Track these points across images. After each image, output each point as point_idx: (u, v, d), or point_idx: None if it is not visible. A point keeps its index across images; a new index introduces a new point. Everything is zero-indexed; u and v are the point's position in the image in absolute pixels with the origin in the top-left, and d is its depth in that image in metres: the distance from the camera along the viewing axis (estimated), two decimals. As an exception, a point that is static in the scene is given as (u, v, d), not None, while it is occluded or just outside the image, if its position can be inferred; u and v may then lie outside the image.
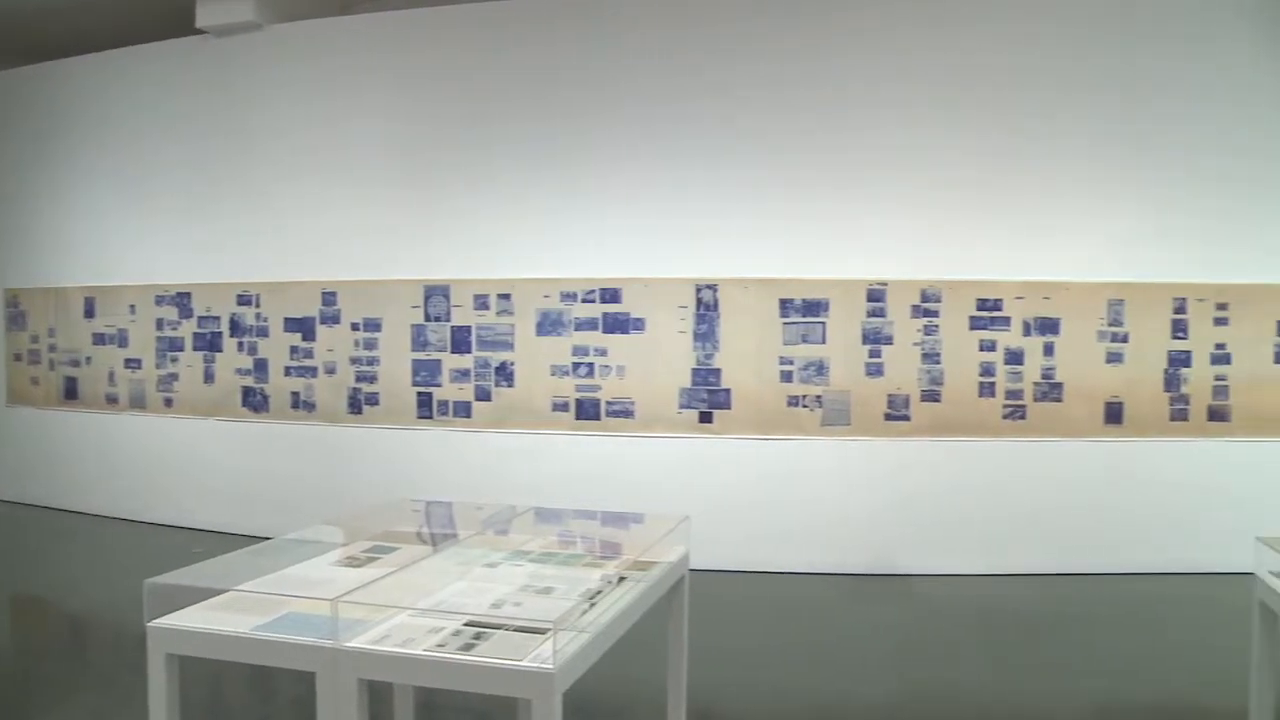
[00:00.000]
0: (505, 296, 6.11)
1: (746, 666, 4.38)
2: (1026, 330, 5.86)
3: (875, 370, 5.87)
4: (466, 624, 2.18)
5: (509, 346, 6.11)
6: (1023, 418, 5.87)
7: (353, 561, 2.72)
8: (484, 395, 6.15)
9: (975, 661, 4.52)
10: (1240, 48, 5.90)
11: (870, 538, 5.91)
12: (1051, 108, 5.89)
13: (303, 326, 6.36)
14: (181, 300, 6.81)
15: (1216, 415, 5.88)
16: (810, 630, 4.98)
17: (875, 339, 5.87)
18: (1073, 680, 4.26)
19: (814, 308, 5.88)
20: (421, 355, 6.20)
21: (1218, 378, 5.88)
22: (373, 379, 6.26)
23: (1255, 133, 5.90)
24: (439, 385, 6.18)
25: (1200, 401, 5.89)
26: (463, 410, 6.17)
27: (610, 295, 6.00)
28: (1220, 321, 5.86)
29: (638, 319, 5.99)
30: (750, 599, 5.45)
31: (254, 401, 6.59)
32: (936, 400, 5.87)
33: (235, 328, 6.63)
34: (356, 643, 2.07)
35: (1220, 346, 5.88)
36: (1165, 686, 4.25)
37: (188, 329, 6.81)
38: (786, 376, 5.90)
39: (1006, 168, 5.89)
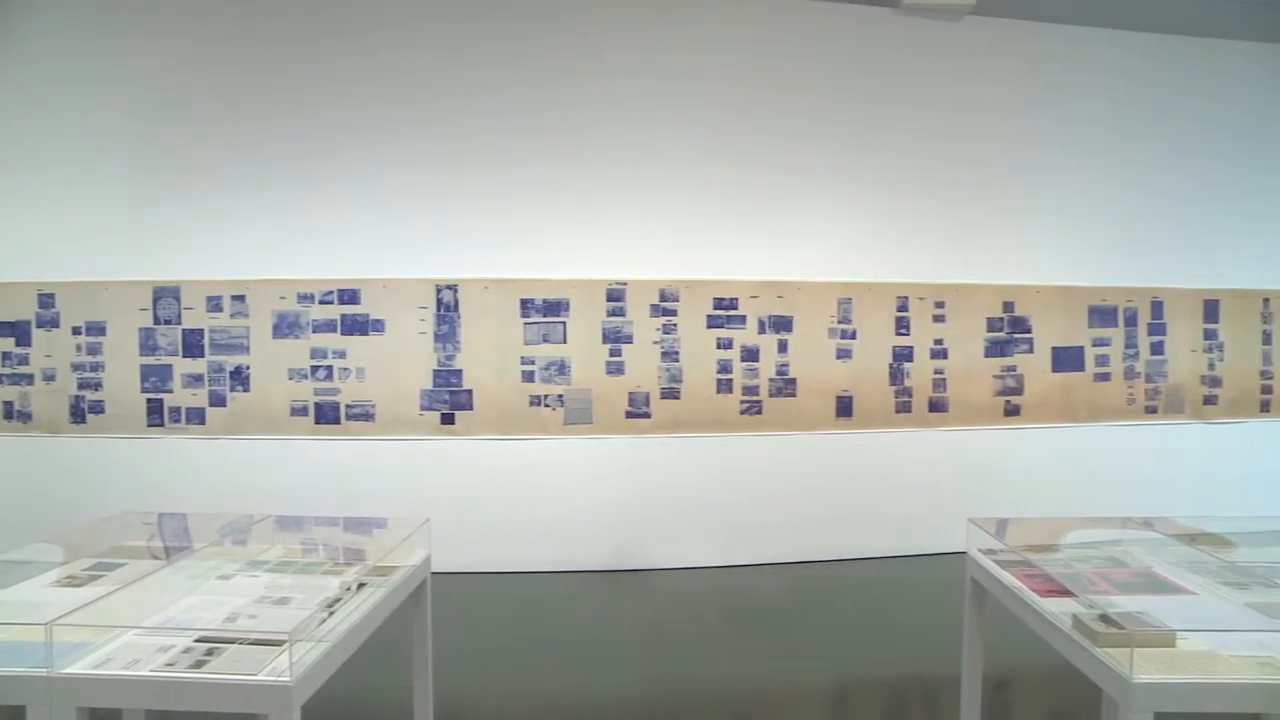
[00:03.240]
0: (239, 298, 5.88)
1: (492, 667, 4.35)
2: (761, 328, 6.05)
3: (616, 369, 5.94)
4: (198, 640, 2.10)
5: (244, 350, 5.88)
6: (759, 413, 6.06)
7: (72, 581, 2.56)
8: (219, 401, 5.89)
9: (716, 650, 4.62)
10: (963, 62, 6.29)
11: (613, 534, 5.98)
12: (787, 116, 6.13)
13: (16, 331, 5.94)
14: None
15: (936, 407, 6.24)
16: (555, 628, 4.98)
17: (615, 338, 5.94)
18: (807, 663, 4.42)
19: (554, 308, 5.90)
20: (151, 360, 5.89)
21: (936, 371, 6.24)
22: (97, 386, 5.90)
23: (974, 142, 6.31)
24: (170, 391, 5.89)
25: (922, 394, 6.23)
26: (196, 417, 5.90)
27: (349, 296, 5.86)
28: (938, 319, 6.22)
29: (377, 320, 5.87)
30: (495, 599, 5.42)
31: (-38, 413, 6.10)
32: (676, 397, 5.99)
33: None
34: (74, 669, 1.95)
35: (939, 342, 6.23)
36: (891, 662, 4.46)
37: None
38: (528, 376, 5.90)
39: (742, 171, 6.08)
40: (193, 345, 5.88)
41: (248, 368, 5.87)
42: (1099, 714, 3.08)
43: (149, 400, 5.90)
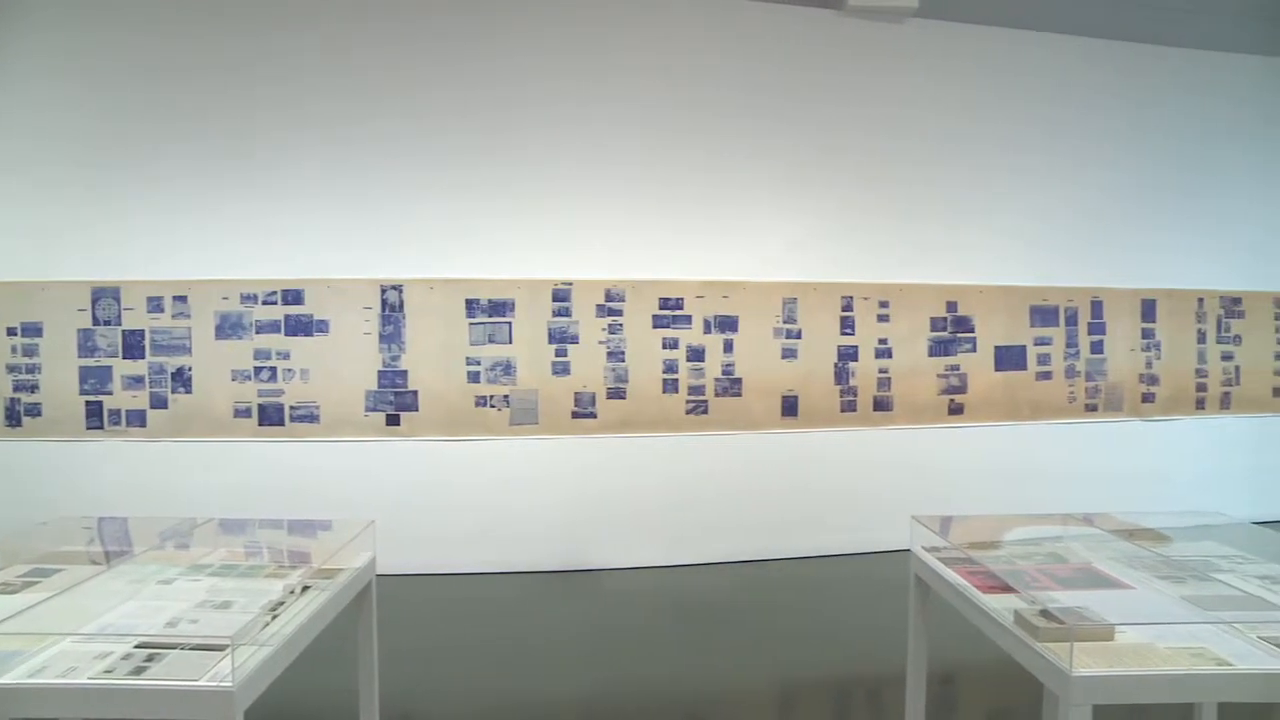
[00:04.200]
0: (181, 299, 5.81)
1: (439, 669, 4.33)
2: (707, 328, 6.09)
3: (562, 369, 5.95)
4: (137, 646, 2.06)
5: (186, 351, 5.82)
6: (705, 412, 6.09)
7: (6, 588, 2.51)
8: (160, 403, 5.82)
9: (663, 650, 4.63)
10: (907, 64, 6.36)
11: (560, 534, 5.98)
12: (732, 116, 6.16)
13: (-52, 332, 5.83)
14: None
15: (880, 405, 6.31)
16: (502, 629, 4.97)
17: (561, 338, 5.95)
18: (754, 661, 4.45)
19: (500, 308, 5.90)
20: (90, 362, 5.80)
21: (881, 370, 6.30)
22: (34, 388, 5.81)
23: (917, 143, 6.39)
24: (110, 393, 5.81)
25: (866, 393, 6.29)
26: (137, 419, 5.82)
27: (292, 297, 5.82)
28: (883, 319, 6.29)
29: (321, 321, 5.83)
30: (442, 601, 5.40)
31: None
32: (622, 397, 6.00)
33: None
34: (7, 679, 1.90)
35: (883, 341, 6.30)
36: (837, 659, 4.50)
37: None
38: (474, 377, 5.89)
39: (687, 171, 6.11)
40: (133, 346, 5.80)
41: (190, 369, 5.81)
42: (1041, 708, 3.13)
43: (88, 402, 5.82)
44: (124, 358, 5.81)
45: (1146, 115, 6.78)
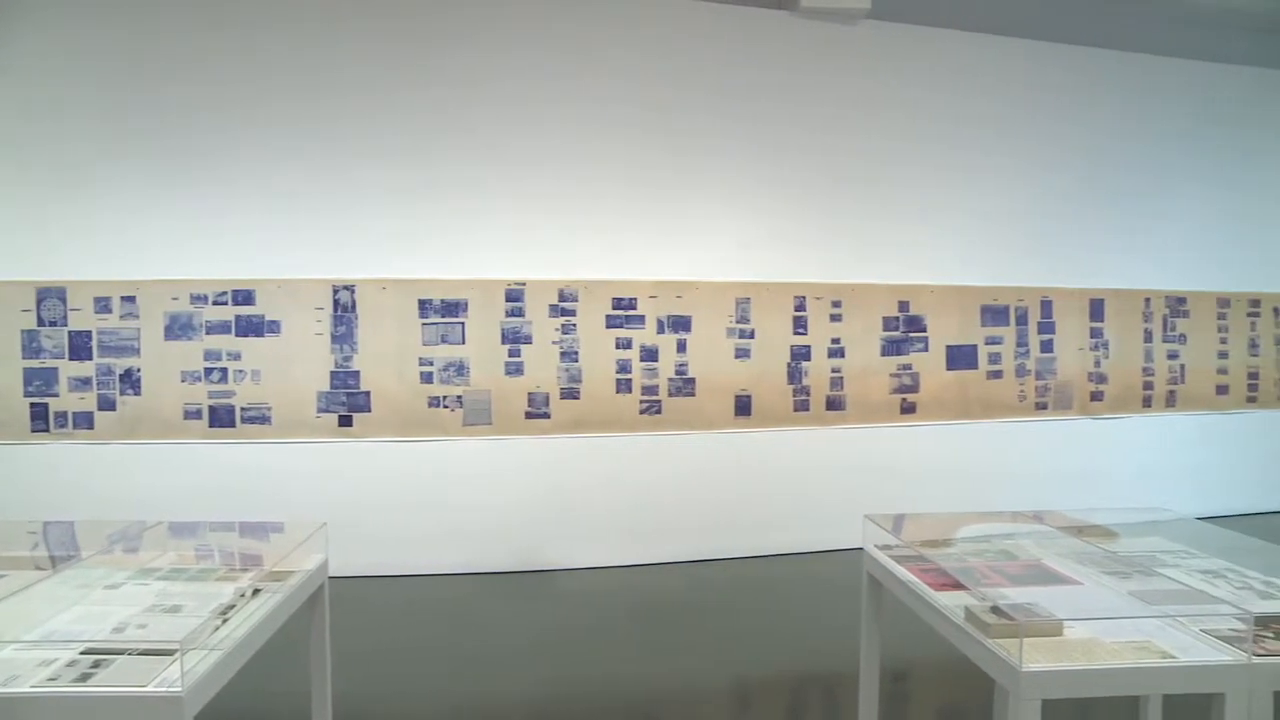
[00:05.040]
0: (130, 299, 5.75)
1: (392, 670, 4.31)
2: (660, 328, 6.11)
3: (515, 369, 5.95)
4: (84, 652, 2.03)
5: (135, 352, 5.75)
6: (658, 412, 6.12)
7: None
8: (108, 404, 5.76)
9: (617, 650, 4.65)
10: (859, 65, 6.41)
11: (515, 535, 5.98)
12: (685, 116, 6.18)
13: (-113, 334, 5.74)
14: None
15: (833, 405, 6.36)
16: (455, 630, 4.96)
17: (514, 338, 5.95)
18: (708, 660, 4.47)
19: (453, 308, 5.89)
20: (35, 363, 5.73)
21: (834, 370, 6.36)
22: (-23, 390, 5.73)
23: (870, 143, 6.44)
24: (56, 395, 5.74)
25: (819, 393, 6.34)
26: (84, 421, 5.75)
27: (243, 297, 5.77)
28: (835, 318, 6.35)
29: (273, 321, 5.79)
30: (395, 603, 5.38)
31: None
32: (576, 397, 6.01)
33: None
34: None
35: (836, 341, 6.36)
36: (791, 657, 4.53)
37: None
38: (427, 377, 5.87)
39: (640, 171, 6.13)
40: (80, 347, 5.73)
41: (139, 370, 5.75)
42: (992, 703, 3.17)
43: (33, 405, 5.74)
44: (71, 359, 5.74)
45: (1092, 117, 6.89)
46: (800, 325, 6.31)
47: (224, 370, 5.78)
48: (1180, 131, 7.09)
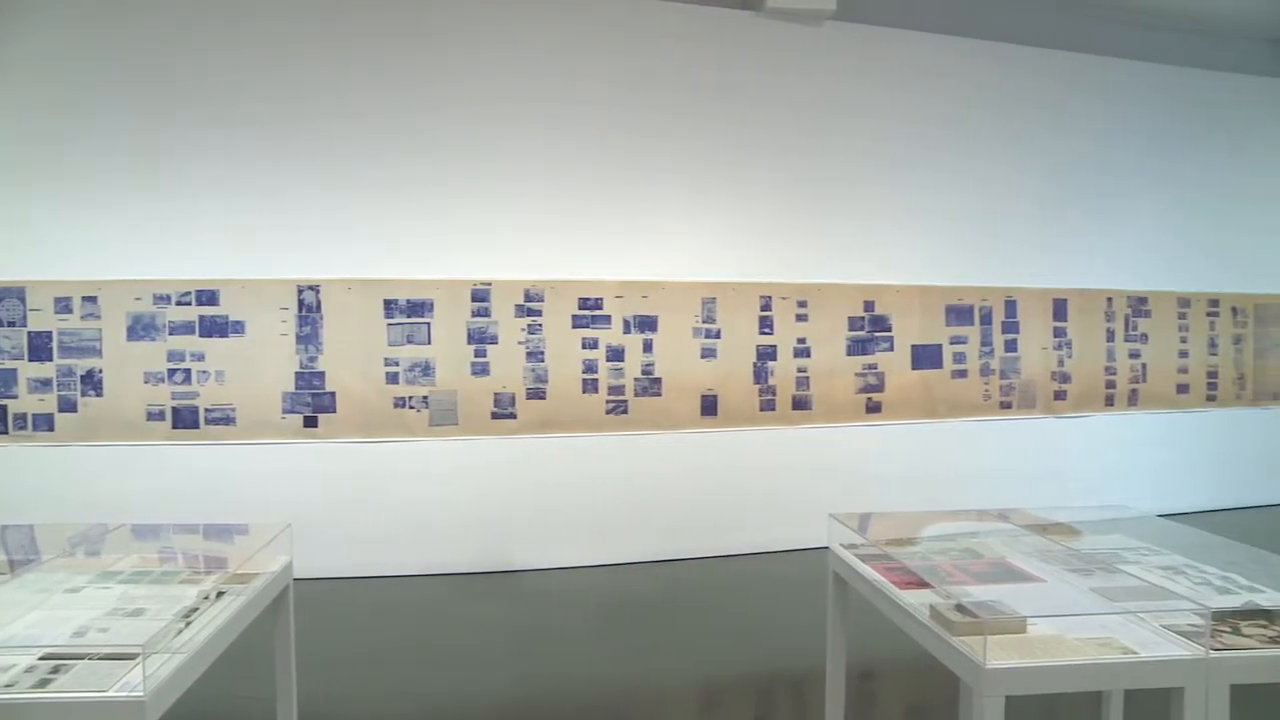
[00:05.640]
0: (91, 299, 5.70)
1: (358, 673, 4.29)
2: (627, 328, 6.12)
3: (481, 369, 5.94)
4: (42, 657, 1.99)
5: (96, 353, 5.71)
6: (625, 412, 6.13)
7: None
8: (69, 406, 5.70)
9: (585, 650, 4.64)
10: (825, 65, 6.45)
11: (481, 535, 5.98)
12: (651, 116, 6.20)
13: None
14: None
15: (799, 404, 6.40)
16: (422, 632, 4.94)
17: (480, 338, 5.95)
18: (676, 660, 4.47)
19: (418, 308, 5.88)
20: (-6, 365, 5.68)
21: (799, 370, 6.39)
22: (-65, 392, 5.67)
23: (835, 143, 6.48)
24: (15, 397, 5.68)
25: (785, 392, 6.38)
26: (44, 423, 5.70)
27: (207, 297, 5.74)
28: (801, 318, 6.38)
29: (237, 322, 5.76)
30: (361, 605, 5.36)
31: None
32: (542, 397, 6.02)
33: None
34: None
35: (801, 341, 6.39)
36: (758, 656, 4.54)
37: None
38: (393, 378, 5.86)
39: (606, 171, 6.14)
40: (40, 348, 5.68)
41: (100, 371, 5.70)
42: (958, 700, 3.18)
43: (-8, 406, 5.68)
44: (30, 360, 5.68)
45: (1055, 119, 6.97)
46: (766, 325, 6.35)
47: (187, 371, 5.74)
48: (1141, 133, 7.19)
